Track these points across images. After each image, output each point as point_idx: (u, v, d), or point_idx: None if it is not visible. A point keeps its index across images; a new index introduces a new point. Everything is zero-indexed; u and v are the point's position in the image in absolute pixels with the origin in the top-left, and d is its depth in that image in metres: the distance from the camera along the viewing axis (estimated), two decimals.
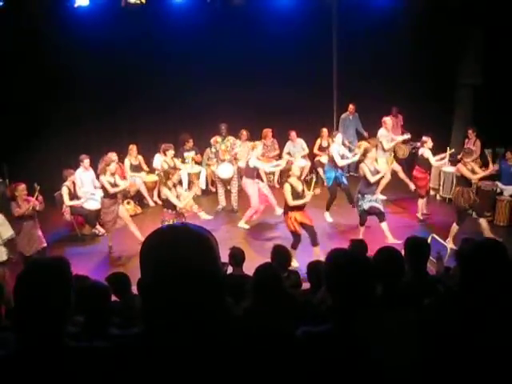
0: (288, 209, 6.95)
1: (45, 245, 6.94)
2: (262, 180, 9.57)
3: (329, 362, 1.77)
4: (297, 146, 10.97)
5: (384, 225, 7.63)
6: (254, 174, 8.74)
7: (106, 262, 7.68)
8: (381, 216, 7.63)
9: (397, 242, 6.64)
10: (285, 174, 7.55)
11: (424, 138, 8.88)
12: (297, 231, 6.93)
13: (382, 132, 9.59)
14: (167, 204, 7.18)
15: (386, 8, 9.91)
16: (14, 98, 9.37)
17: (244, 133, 10.00)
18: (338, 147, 8.93)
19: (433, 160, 8.70)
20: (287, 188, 6.87)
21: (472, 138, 10.01)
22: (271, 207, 8.86)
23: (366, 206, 7.59)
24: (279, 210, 8.44)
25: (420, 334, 1.99)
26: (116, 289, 4.30)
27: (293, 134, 10.89)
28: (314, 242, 6.96)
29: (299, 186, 6.96)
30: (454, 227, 7.47)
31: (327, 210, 8.87)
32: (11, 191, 6.75)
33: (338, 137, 8.99)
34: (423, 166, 8.81)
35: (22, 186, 6.76)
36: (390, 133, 9.66)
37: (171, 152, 9.45)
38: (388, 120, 9.69)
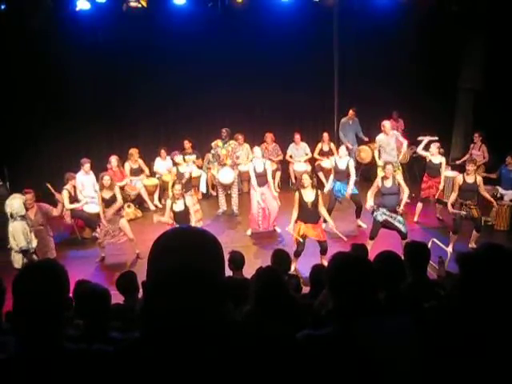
0: (298, 217, 7.05)
1: (54, 256, 6.89)
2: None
3: (330, 365, 1.76)
4: (300, 150, 10.95)
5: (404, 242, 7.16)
6: (262, 181, 8.47)
7: (106, 265, 7.66)
8: (401, 234, 7.22)
9: None
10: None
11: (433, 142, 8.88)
12: (296, 239, 6.99)
13: (380, 137, 9.17)
14: None
15: (387, 12, 9.91)
16: (16, 101, 9.40)
17: (240, 136, 9.99)
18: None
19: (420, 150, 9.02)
20: (296, 196, 7.03)
21: (478, 142, 9.93)
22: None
23: (380, 217, 7.25)
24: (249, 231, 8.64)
25: (420, 338, 1.98)
26: (124, 287, 4.33)
27: (297, 136, 10.87)
28: (322, 252, 7.06)
29: (310, 197, 6.95)
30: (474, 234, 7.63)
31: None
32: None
33: (342, 149, 8.79)
34: (428, 171, 8.80)
35: (30, 195, 6.76)
36: (388, 137, 9.09)
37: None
38: (387, 124, 9.17)
